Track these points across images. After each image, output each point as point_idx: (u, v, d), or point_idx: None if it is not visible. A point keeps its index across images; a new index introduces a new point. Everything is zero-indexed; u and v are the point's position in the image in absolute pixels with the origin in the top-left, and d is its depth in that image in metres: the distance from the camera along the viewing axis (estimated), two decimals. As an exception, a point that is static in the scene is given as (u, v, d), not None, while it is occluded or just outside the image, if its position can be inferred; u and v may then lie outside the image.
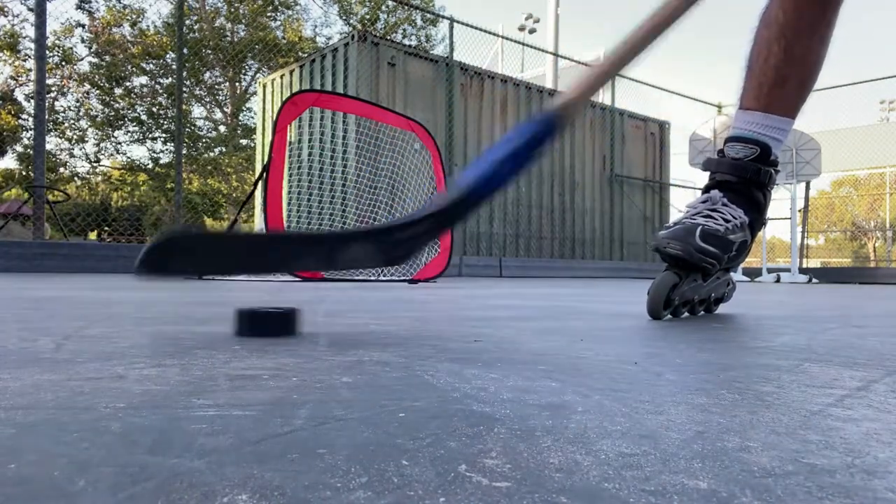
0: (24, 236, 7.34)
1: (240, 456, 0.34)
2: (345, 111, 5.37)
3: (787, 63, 1.30)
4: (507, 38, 9.72)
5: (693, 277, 1.36)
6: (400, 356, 0.73)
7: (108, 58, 16.00)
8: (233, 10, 17.03)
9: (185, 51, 8.32)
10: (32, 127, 5.52)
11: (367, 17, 18.87)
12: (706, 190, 1.41)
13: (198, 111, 17.60)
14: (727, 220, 1.33)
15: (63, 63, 15.79)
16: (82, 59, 16.16)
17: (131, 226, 13.56)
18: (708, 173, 1.44)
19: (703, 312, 1.49)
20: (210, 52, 16.40)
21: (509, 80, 8.31)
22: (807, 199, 9.93)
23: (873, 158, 15.39)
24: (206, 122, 17.87)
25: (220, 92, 17.66)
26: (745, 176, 1.36)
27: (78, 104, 16.44)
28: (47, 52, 6.46)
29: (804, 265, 10.18)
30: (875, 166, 16.69)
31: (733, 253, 1.35)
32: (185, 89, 15.31)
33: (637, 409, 0.48)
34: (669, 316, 1.34)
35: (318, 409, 0.46)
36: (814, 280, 8.57)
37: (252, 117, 16.64)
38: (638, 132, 10.18)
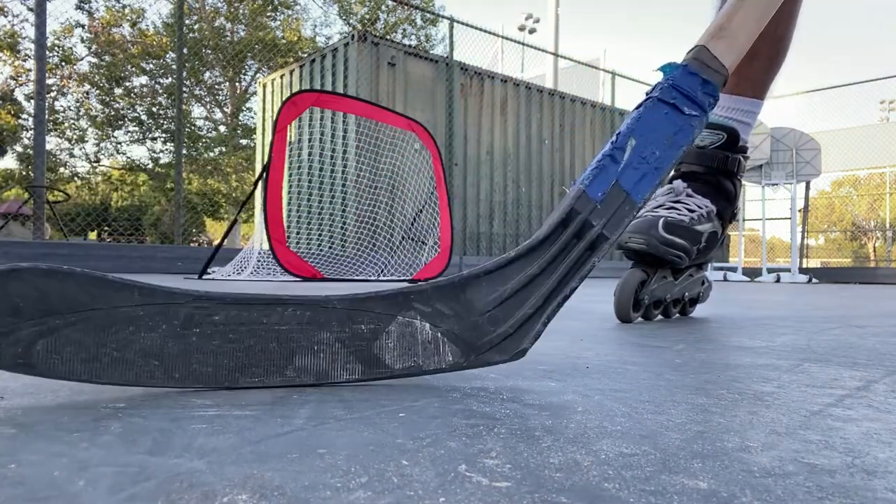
0: (25, 236, 7.34)
1: (240, 456, 0.34)
2: (345, 111, 5.37)
3: None
4: (507, 38, 9.71)
5: (662, 274, 1.25)
6: (400, 356, 0.73)
7: (107, 58, 15.99)
8: (233, 10, 17.02)
9: (185, 51, 8.31)
10: (32, 127, 5.52)
11: (367, 16, 18.85)
12: (670, 181, 1.31)
13: (198, 111, 17.59)
14: (691, 211, 1.24)
15: (63, 63, 15.78)
16: (82, 59, 16.16)
17: (131, 226, 13.57)
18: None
19: (677, 315, 1.37)
20: (210, 52, 16.39)
21: (509, 80, 8.31)
22: (807, 199, 9.92)
23: (873, 158, 15.38)
24: (206, 122, 17.87)
25: (220, 92, 17.64)
26: (711, 165, 1.27)
27: (78, 104, 16.44)
28: (47, 52, 6.46)
29: (804, 265, 10.17)
30: (875, 166, 16.68)
31: (702, 245, 1.26)
32: (185, 89, 15.31)
33: (637, 409, 0.48)
34: (640, 319, 1.23)
35: (318, 409, 0.46)
36: (814, 280, 8.56)
37: (252, 117, 16.63)
38: (638, 132, 10.17)
